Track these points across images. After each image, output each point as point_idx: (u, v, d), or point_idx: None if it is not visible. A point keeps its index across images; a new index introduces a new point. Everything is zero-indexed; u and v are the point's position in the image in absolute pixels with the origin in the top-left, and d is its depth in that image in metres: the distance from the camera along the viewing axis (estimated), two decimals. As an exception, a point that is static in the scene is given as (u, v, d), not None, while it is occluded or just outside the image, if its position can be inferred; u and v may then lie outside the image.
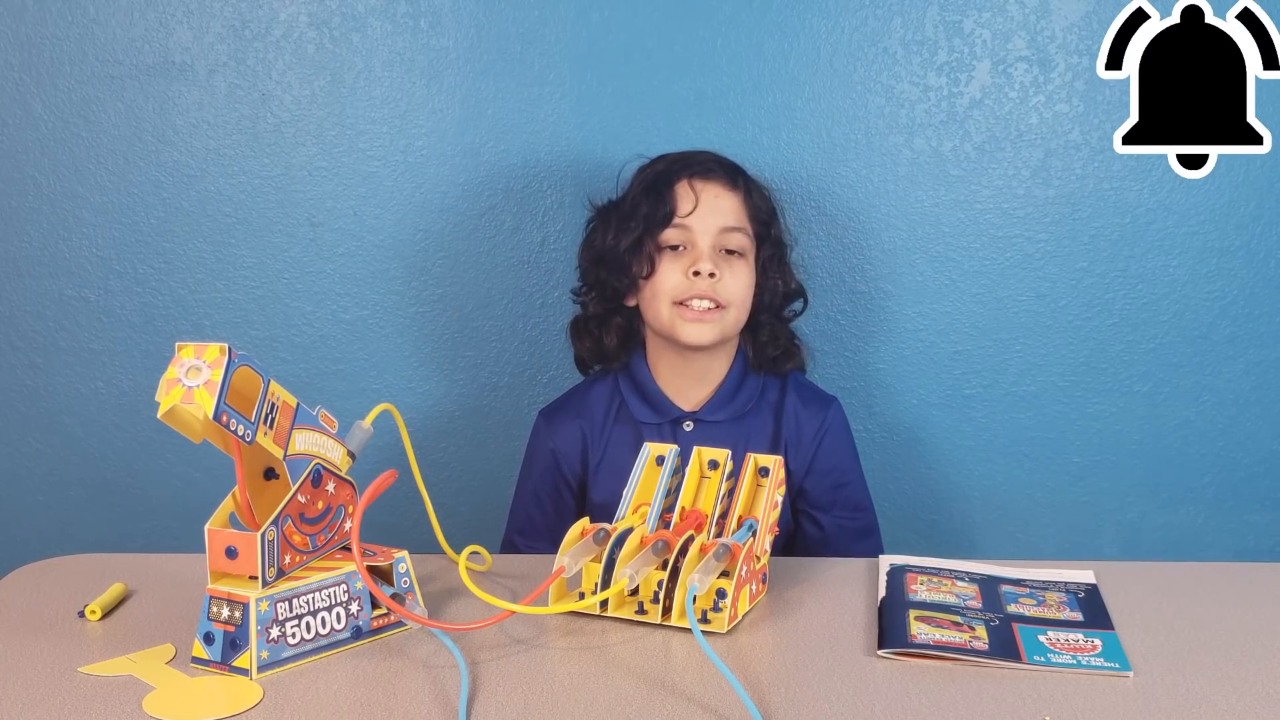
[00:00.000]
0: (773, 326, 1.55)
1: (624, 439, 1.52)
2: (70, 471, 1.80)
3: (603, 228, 1.53)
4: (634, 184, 1.53)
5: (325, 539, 1.11)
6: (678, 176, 1.49)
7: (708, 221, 1.47)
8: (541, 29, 1.67)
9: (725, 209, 1.48)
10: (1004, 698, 0.97)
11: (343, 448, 1.13)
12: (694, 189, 1.48)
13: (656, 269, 1.48)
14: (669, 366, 1.53)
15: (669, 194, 1.48)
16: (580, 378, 1.63)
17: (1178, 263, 1.72)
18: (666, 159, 1.53)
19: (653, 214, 1.47)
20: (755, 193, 1.52)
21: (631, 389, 1.54)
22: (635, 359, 1.55)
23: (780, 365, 1.56)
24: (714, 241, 1.47)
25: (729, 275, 1.47)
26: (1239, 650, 1.07)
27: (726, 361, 1.54)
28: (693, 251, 1.47)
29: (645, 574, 1.11)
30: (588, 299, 1.56)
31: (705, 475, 1.23)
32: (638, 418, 1.52)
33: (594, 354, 1.57)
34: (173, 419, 1.00)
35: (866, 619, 1.14)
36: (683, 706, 0.96)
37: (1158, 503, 1.79)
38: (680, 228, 1.47)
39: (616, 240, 1.49)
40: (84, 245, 1.74)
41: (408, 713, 0.96)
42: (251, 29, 1.68)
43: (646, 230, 1.47)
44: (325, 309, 1.76)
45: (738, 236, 1.49)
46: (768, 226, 1.53)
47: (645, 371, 1.54)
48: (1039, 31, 1.66)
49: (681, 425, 1.52)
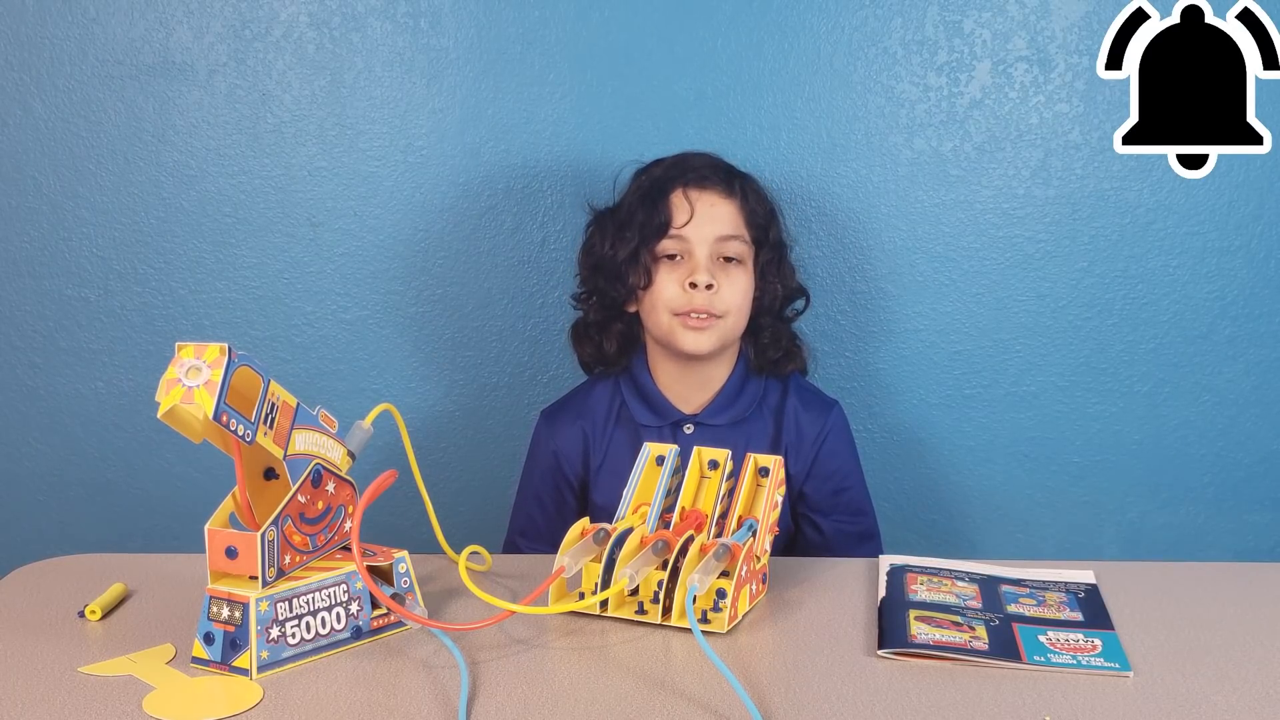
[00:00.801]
0: (774, 329, 1.55)
1: (625, 440, 1.52)
2: (70, 471, 1.80)
3: (600, 235, 1.53)
4: (630, 190, 1.53)
5: (325, 539, 1.11)
6: (673, 185, 1.48)
7: (704, 231, 1.47)
8: (541, 29, 1.67)
9: (721, 217, 1.48)
10: (1004, 698, 0.97)
11: (343, 448, 1.13)
12: (689, 199, 1.48)
13: (654, 279, 1.48)
14: (669, 371, 1.53)
15: (664, 204, 1.47)
16: (583, 377, 1.63)
17: (1178, 263, 1.72)
18: (663, 165, 1.52)
19: (648, 224, 1.47)
20: (752, 197, 1.51)
21: (632, 391, 1.54)
22: (636, 362, 1.55)
23: (782, 367, 1.56)
24: (711, 251, 1.47)
25: (726, 285, 1.47)
26: (1239, 650, 1.07)
27: (728, 365, 1.54)
28: (689, 262, 1.47)
29: (645, 574, 1.11)
30: (588, 305, 1.56)
31: (705, 475, 1.23)
32: (638, 420, 1.52)
33: (595, 359, 1.57)
34: (173, 419, 1.00)
35: (866, 619, 1.14)
36: (683, 706, 0.96)
37: (1158, 503, 1.79)
38: (677, 238, 1.47)
39: (614, 250, 1.48)
40: (84, 245, 1.74)
41: (408, 713, 0.96)
42: (251, 29, 1.68)
43: (643, 241, 1.47)
44: (325, 309, 1.76)
45: (735, 244, 1.48)
46: (765, 230, 1.52)
47: (646, 375, 1.54)
48: (1039, 31, 1.66)
49: (682, 428, 1.52)
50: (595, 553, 1.14)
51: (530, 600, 1.10)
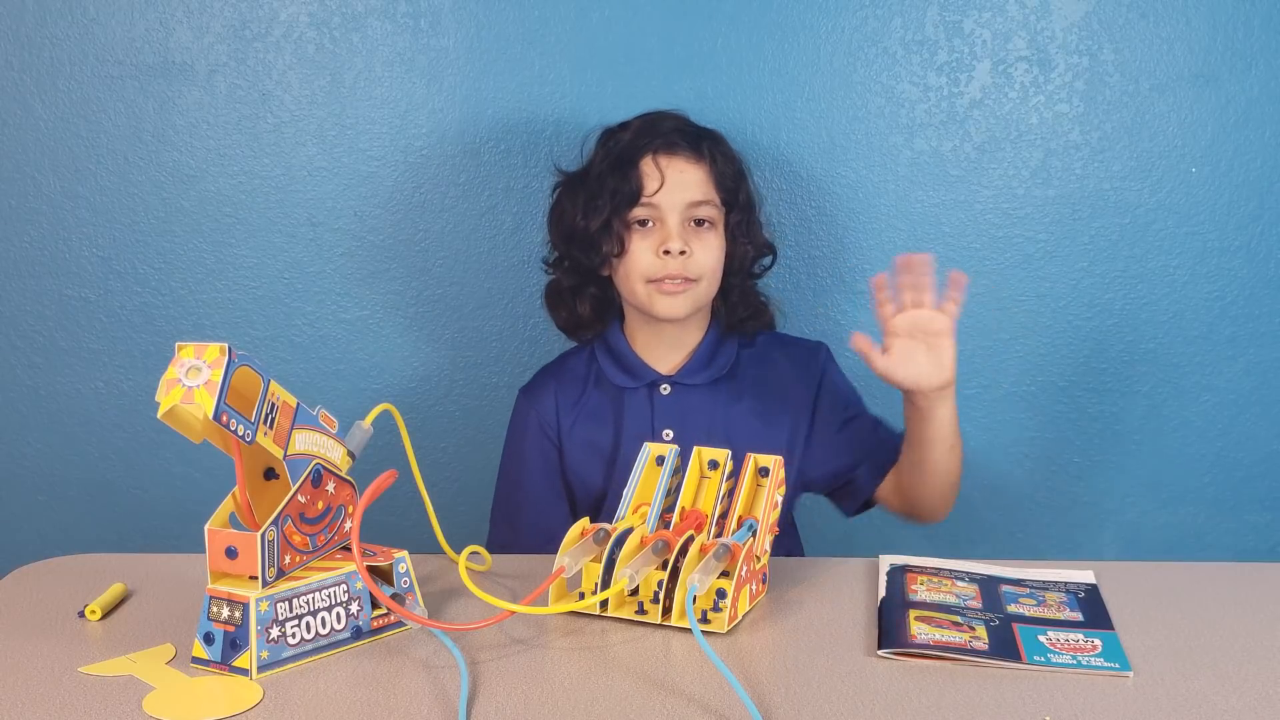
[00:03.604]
0: (742, 288, 1.56)
1: (601, 400, 1.53)
2: (70, 471, 1.80)
3: (571, 201, 1.52)
4: (598, 155, 1.52)
5: (325, 539, 1.11)
6: (641, 152, 1.48)
7: (674, 198, 1.47)
8: (541, 29, 1.67)
9: (691, 183, 1.48)
10: (1004, 698, 0.97)
11: (343, 448, 1.13)
12: (659, 165, 1.47)
13: (627, 248, 1.48)
14: (645, 333, 1.54)
15: (634, 172, 1.47)
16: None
17: (1178, 263, 1.72)
18: (631, 129, 1.51)
19: (619, 191, 1.46)
20: (721, 159, 1.51)
21: (607, 355, 1.54)
22: (612, 326, 1.56)
23: (750, 326, 1.57)
24: (682, 217, 1.47)
25: (699, 249, 1.47)
26: (1239, 650, 1.07)
27: (701, 326, 1.54)
28: (661, 229, 1.47)
29: (645, 574, 1.11)
30: (560, 270, 1.56)
31: (705, 475, 1.23)
32: (614, 382, 1.53)
33: (569, 324, 1.57)
34: (173, 419, 1.00)
35: (866, 619, 1.14)
36: (683, 706, 0.96)
37: (1158, 503, 1.79)
38: (648, 205, 1.47)
39: (586, 221, 1.48)
40: (84, 245, 1.74)
41: (408, 713, 0.96)
42: (252, 29, 1.68)
43: (615, 211, 1.47)
44: (325, 309, 1.76)
45: (705, 209, 1.48)
46: (735, 192, 1.51)
47: (621, 338, 1.55)
48: (1039, 31, 1.66)
49: (658, 388, 1.52)
50: (595, 553, 1.14)
51: (530, 600, 1.10)
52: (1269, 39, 1.65)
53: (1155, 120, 1.68)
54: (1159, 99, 1.67)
